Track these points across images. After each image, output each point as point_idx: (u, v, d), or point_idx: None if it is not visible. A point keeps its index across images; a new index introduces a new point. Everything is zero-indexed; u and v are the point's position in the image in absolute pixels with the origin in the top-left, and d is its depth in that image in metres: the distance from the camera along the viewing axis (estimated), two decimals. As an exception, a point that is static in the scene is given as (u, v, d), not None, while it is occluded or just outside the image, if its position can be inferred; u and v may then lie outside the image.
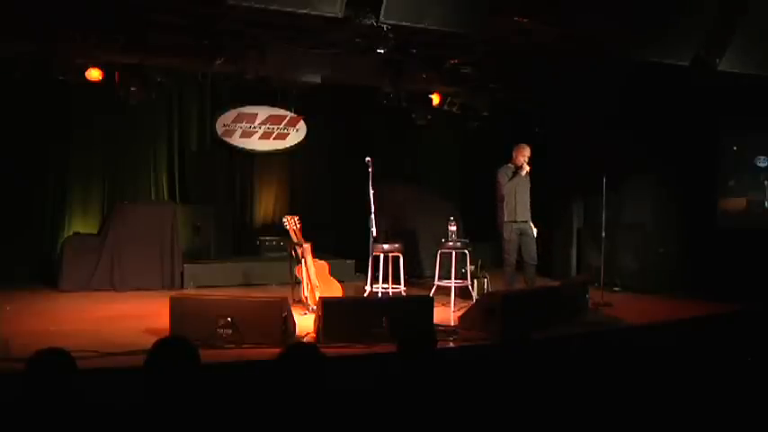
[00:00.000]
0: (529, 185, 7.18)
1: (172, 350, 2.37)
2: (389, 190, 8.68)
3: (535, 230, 7.16)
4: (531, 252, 7.17)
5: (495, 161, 7.46)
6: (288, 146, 9.90)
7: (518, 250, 7.18)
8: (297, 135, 9.92)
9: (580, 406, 2.98)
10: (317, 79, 7.83)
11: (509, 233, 7.13)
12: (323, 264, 6.89)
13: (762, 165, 7.87)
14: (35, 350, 2.48)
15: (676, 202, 8.29)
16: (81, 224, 8.67)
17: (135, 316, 6.25)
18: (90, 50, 6.90)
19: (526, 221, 7.16)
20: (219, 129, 9.47)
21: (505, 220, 7.12)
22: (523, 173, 7.08)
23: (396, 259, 7.18)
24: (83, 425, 2.31)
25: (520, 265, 7.25)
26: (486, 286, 7.40)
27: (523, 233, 7.15)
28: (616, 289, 8.09)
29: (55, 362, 2.44)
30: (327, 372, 2.43)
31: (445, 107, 8.87)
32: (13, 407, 2.33)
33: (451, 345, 5.31)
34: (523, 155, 7.10)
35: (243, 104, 9.53)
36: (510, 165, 7.16)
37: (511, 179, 7.10)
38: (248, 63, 7.35)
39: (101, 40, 6.80)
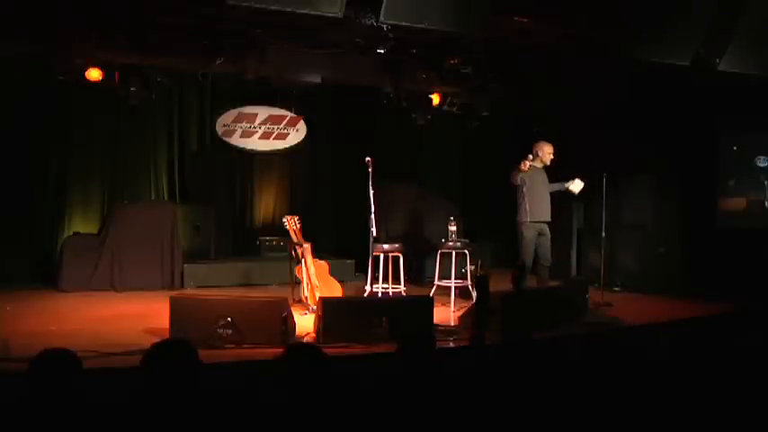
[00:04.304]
0: (547, 184, 7.15)
1: (169, 352, 2.37)
2: (389, 190, 8.69)
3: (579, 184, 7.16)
4: (546, 253, 7.11)
5: (496, 161, 7.46)
6: (288, 146, 9.89)
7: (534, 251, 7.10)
8: (297, 135, 9.91)
9: (580, 406, 2.98)
10: (317, 79, 7.83)
11: (529, 232, 6.99)
12: (323, 264, 6.89)
13: (762, 165, 7.87)
14: (35, 350, 2.48)
15: (676, 202, 8.29)
16: (81, 224, 8.65)
17: (135, 316, 6.25)
18: (90, 50, 6.89)
19: (545, 221, 7.09)
20: (219, 129, 9.46)
21: (526, 220, 6.94)
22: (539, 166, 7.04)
23: (396, 259, 7.18)
24: (84, 425, 2.31)
25: (533, 265, 7.18)
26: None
27: (541, 233, 7.08)
28: (616, 289, 8.09)
29: (60, 362, 2.44)
30: (327, 372, 2.43)
31: (445, 107, 8.85)
32: (13, 407, 2.33)
33: (451, 345, 5.30)
34: (547, 152, 7.08)
35: (243, 104, 9.52)
36: (527, 162, 6.87)
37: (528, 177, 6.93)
38: (248, 63, 7.34)
39: (101, 40, 6.80)
